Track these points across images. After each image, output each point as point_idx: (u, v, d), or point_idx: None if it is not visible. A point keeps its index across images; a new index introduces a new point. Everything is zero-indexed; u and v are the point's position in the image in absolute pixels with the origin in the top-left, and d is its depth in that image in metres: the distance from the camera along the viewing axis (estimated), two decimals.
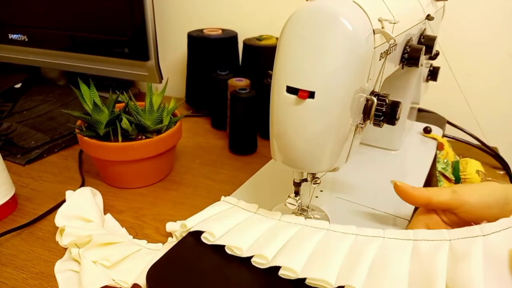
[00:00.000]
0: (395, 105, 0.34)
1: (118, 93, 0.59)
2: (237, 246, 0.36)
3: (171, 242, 0.43)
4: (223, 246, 0.38)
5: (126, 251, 0.42)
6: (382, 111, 0.34)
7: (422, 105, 0.66)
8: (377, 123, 0.35)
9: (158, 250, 0.44)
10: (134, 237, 0.46)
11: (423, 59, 0.44)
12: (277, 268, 0.35)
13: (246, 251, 0.36)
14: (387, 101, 0.34)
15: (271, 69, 0.33)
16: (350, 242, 0.35)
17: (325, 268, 0.32)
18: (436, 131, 0.61)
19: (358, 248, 0.35)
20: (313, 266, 0.33)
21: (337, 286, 0.31)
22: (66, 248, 0.44)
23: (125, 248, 0.42)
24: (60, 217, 0.45)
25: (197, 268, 0.36)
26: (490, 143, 0.67)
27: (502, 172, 0.63)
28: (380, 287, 0.30)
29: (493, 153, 0.65)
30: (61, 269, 0.41)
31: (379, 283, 0.30)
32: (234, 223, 0.40)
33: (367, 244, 0.35)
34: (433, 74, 0.60)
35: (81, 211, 0.46)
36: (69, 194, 0.49)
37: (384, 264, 0.32)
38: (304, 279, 0.33)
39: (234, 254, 0.36)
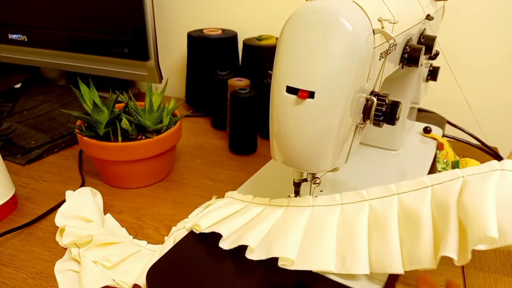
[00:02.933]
0: (395, 105, 0.34)
1: (118, 93, 0.59)
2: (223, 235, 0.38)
3: (168, 241, 0.43)
4: (222, 246, 0.38)
5: (126, 251, 0.42)
6: (382, 111, 0.34)
7: (422, 105, 0.66)
8: (377, 123, 0.35)
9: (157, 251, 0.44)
10: (134, 237, 0.46)
11: (423, 59, 0.44)
12: (277, 267, 0.35)
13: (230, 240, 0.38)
14: (387, 101, 0.34)
15: (271, 69, 0.33)
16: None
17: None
18: (436, 131, 0.61)
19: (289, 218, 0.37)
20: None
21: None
22: (66, 248, 0.44)
23: (125, 248, 0.42)
24: (60, 217, 0.45)
25: (197, 268, 0.36)
26: (490, 143, 0.67)
27: None
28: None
29: (493, 153, 0.65)
30: (61, 269, 0.41)
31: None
32: (227, 214, 0.41)
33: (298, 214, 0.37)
34: (433, 74, 0.60)
35: (81, 211, 0.46)
36: (69, 194, 0.49)
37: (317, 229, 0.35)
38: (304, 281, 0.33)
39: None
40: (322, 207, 0.38)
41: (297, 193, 0.41)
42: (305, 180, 0.40)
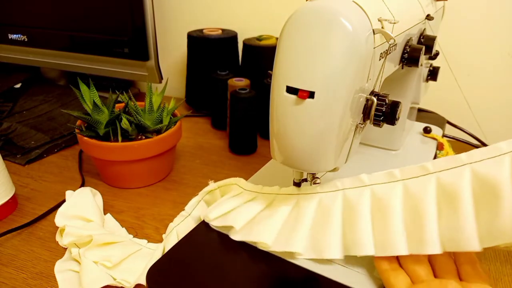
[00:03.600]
0: (395, 105, 0.34)
1: (118, 93, 0.59)
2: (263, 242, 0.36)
3: (171, 237, 0.43)
4: (223, 246, 0.38)
5: (127, 250, 0.42)
6: (382, 111, 0.34)
7: (422, 105, 0.66)
8: (377, 123, 0.35)
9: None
10: (134, 237, 0.46)
11: (423, 59, 0.44)
12: (280, 265, 0.35)
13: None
14: (387, 101, 0.34)
15: (271, 69, 0.33)
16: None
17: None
18: (436, 131, 0.61)
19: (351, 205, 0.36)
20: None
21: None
22: (66, 248, 0.44)
23: (126, 247, 0.42)
24: (60, 217, 0.45)
25: (197, 268, 0.36)
26: (490, 143, 0.66)
27: None
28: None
29: None
30: (61, 269, 0.41)
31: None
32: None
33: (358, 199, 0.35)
34: (433, 74, 0.60)
35: (81, 211, 0.46)
36: (69, 194, 0.49)
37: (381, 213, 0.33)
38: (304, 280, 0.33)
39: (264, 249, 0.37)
40: (381, 185, 0.35)
41: None
42: (305, 180, 0.40)
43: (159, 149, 0.54)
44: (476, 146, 0.67)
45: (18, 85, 0.87)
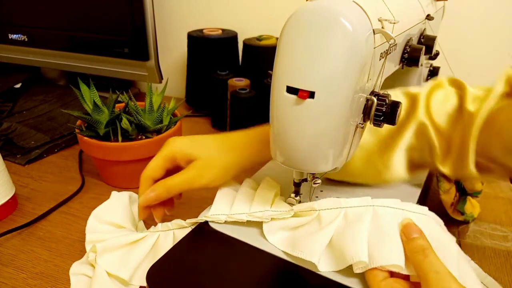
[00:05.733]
0: (395, 105, 0.34)
1: (118, 93, 0.59)
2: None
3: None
4: (223, 246, 0.38)
5: (139, 253, 0.40)
6: (382, 111, 0.34)
7: None
8: (377, 123, 0.35)
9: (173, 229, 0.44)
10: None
11: (423, 59, 0.44)
12: (279, 266, 0.35)
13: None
14: (387, 101, 0.34)
15: (271, 69, 0.33)
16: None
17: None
18: None
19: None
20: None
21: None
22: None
23: (139, 247, 0.41)
24: (93, 219, 0.45)
25: (197, 268, 0.36)
26: None
27: None
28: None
29: None
30: (76, 271, 0.40)
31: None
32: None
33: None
34: (433, 74, 0.60)
35: (112, 216, 0.45)
36: (114, 194, 0.49)
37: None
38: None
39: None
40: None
41: (297, 193, 0.41)
42: (305, 180, 0.40)
43: (159, 149, 0.54)
44: None
45: (18, 85, 0.87)
